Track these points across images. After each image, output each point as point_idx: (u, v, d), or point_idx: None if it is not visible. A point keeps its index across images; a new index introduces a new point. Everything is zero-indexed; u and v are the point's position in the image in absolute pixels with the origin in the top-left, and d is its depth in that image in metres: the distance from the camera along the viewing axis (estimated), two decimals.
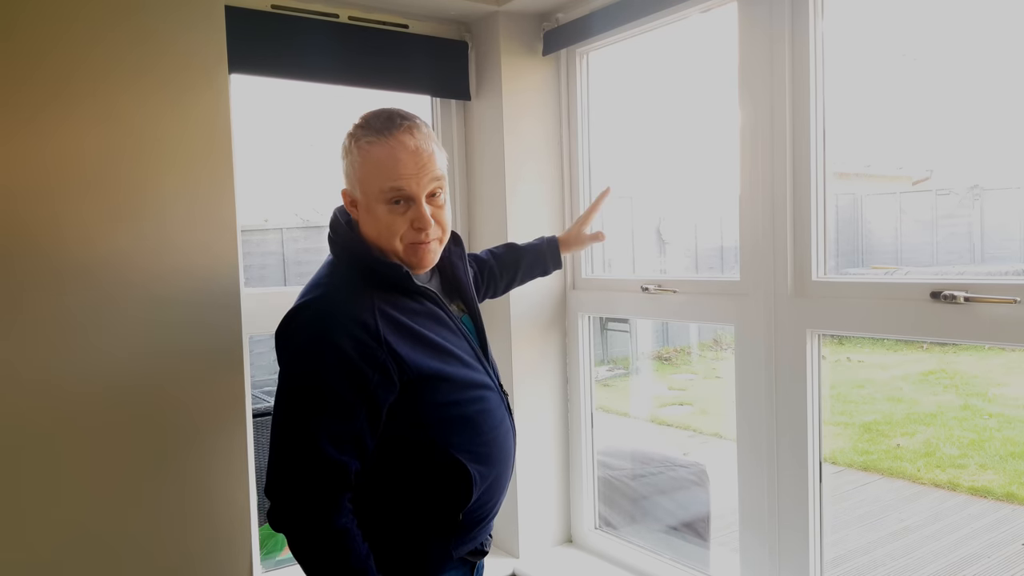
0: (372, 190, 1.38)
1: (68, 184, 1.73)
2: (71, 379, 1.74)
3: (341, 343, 1.29)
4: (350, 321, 1.31)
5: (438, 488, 1.41)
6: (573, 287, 2.48)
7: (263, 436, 4.48)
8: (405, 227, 1.40)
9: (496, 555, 2.47)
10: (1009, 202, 3.02)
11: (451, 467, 1.39)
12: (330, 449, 1.28)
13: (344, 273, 1.42)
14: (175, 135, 1.84)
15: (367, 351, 1.30)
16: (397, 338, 1.34)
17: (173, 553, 1.87)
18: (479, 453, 1.42)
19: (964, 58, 2.24)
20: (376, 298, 1.36)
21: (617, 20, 2.10)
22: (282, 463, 1.32)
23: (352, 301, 1.34)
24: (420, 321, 1.40)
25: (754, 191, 1.87)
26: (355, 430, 1.31)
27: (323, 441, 1.29)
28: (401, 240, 1.41)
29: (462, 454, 1.40)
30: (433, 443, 1.39)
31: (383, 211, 1.39)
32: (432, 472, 1.40)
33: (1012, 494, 4.01)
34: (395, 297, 1.39)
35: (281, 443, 1.33)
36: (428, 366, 1.36)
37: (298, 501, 1.31)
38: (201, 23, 1.87)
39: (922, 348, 4.59)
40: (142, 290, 1.81)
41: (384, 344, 1.31)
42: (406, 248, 1.42)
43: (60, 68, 1.71)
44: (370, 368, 1.30)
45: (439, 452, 1.39)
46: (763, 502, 1.89)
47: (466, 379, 1.43)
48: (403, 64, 2.29)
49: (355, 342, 1.30)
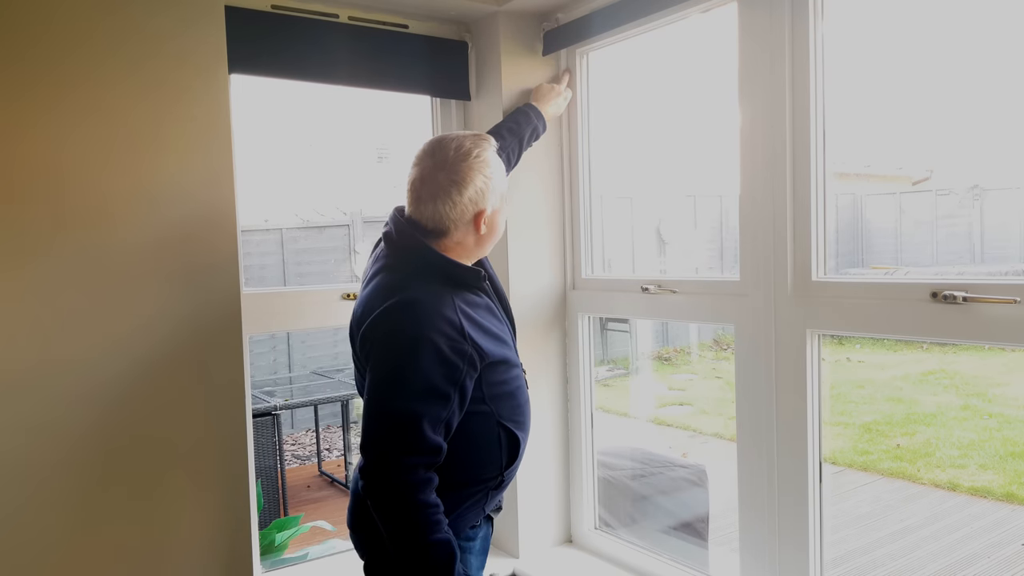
0: (504, 197, 1.63)
1: (67, 183, 1.73)
2: (71, 379, 1.74)
3: (436, 339, 1.44)
4: (439, 319, 1.46)
5: (491, 452, 1.60)
6: (573, 287, 2.48)
7: (263, 436, 4.48)
8: None
9: (496, 555, 2.47)
10: (1009, 202, 3.02)
11: (503, 433, 1.60)
12: (429, 431, 1.44)
13: (418, 273, 1.55)
14: (175, 135, 1.84)
15: (457, 346, 1.46)
16: (475, 331, 1.51)
17: (173, 553, 1.87)
18: (519, 421, 1.64)
19: (964, 58, 2.24)
20: (455, 297, 1.52)
21: (617, 20, 2.10)
22: (385, 442, 1.45)
23: (437, 300, 1.49)
24: (482, 314, 1.57)
25: (754, 191, 1.87)
26: (448, 414, 1.47)
27: (424, 424, 1.43)
28: None
29: (510, 423, 1.61)
30: (490, 414, 1.58)
31: (505, 209, 1.65)
32: (487, 439, 1.59)
33: (1012, 494, 4.01)
34: (465, 294, 1.56)
35: (383, 424, 1.46)
36: (497, 352, 1.55)
37: (397, 476, 1.43)
38: (201, 23, 1.87)
39: (922, 348, 4.59)
40: (142, 290, 1.81)
41: (468, 338, 1.48)
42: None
43: (58, 68, 1.71)
44: (460, 360, 1.47)
45: (494, 422, 1.58)
46: (763, 502, 1.89)
47: (514, 360, 1.64)
48: (403, 64, 2.29)
49: (447, 338, 1.45)
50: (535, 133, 2.23)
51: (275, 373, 6.43)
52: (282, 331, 5.19)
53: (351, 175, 6.73)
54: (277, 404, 4.83)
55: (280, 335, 6.37)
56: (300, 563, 2.38)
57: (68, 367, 1.74)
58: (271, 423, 4.46)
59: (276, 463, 4.48)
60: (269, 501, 4.35)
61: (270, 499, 4.38)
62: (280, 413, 4.58)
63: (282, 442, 4.88)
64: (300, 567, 2.35)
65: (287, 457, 6.02)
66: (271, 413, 4.49)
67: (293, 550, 3.10)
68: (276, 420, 4.48)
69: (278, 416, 4.51)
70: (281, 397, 5.27)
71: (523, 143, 2.18)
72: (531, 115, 2.23)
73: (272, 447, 4.47)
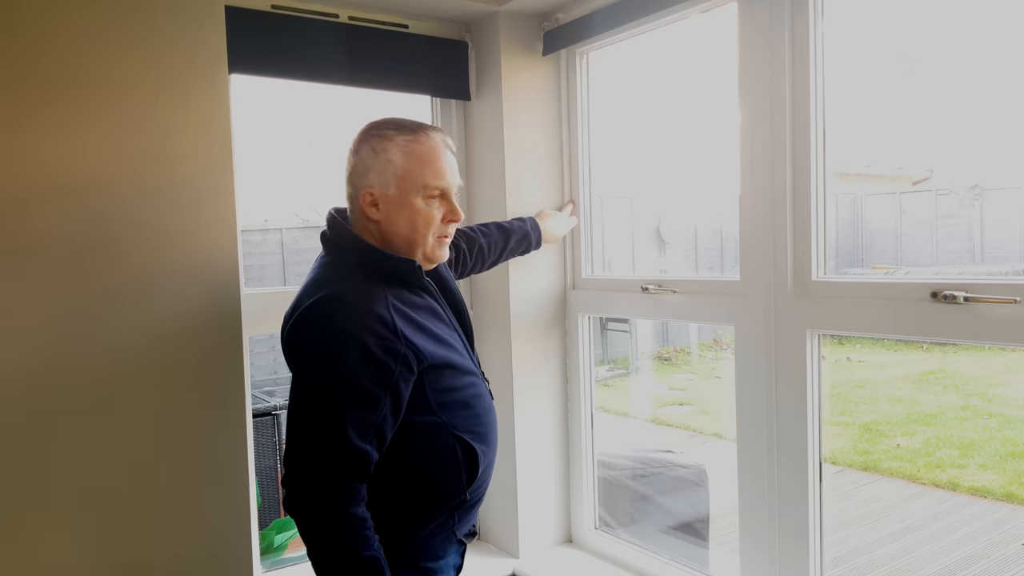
0: (413, 185, 1.46)
1: (67, 183, 1.73)
2: (71, 378, 1.74)
3: (363, 337, 1.34)
4: (368, 315, 1.36)
5: (447, 468, 1.48)
6: (573, 287, 2.48)
7: (263, 436, 4.47)
8: (438, 220, 1.50)
9: (496, 555, 2.47)
10: (1009, 202, 3.02)
11: (458, 446, 1.48)
12: (355, 438, 1.33)
13: (349, 269, 1.45)
14: (175, 135, 1.84)
15: (387, 344, 1.36)
16: (411, 330, 1.40)
17: (174, 553, 1.87)
18: (478, 433, 1.52)
19: (964, 59, 2.24)
20: (388, 294, 1.42)
21: (617, 20, 2.10)
22: (305, 451, 1.36)
23: (366, 296, 1.39)
24: (422, 314, 1.47)
25: (754, 191, 1.87)
26: (378, 420, 1.36)
27: (349, 431, 1.33)
28: (433, 233, 1.51)
29: (466, 434, 1.49)
30: (441, 426, 1.46)
31: (422, 205, 1.48)
32: (440, 453, 1.47)
33: (1012, 494, 4.01)
34: (399, 291, 1.45)
35: (305, 432, 1.37)
36: (438, 354, 1.45)
37: (319, 488, 1.34)
38: (201, 23, 1.87)
39: (922, 348, 4.59)
40: (142, 290, 1.81)
41: (401, 336, 1.38)
42: (435, 241, 1.52)
43: (59, 67, 1.71)
44: (392, 360, 1.37)
45: (447, 434, 1.47)
46: (763, 502, 1.89)
47: (464, 366, 1.52)
48: (403, 64, 2.29)
49: (376, 336, 1.35)
50: (525, 242, 2.15)
51: (275, 373, 6.42)
52: None
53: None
54: (277, 404, 4.82)
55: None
56: (300, 563, 2.38)
57: (67, 366, 1.74)
58: (271, 423, 4.45)
59: (276, 463, 4.48)
60: (269, 501, 4.35)
61: (270, 499, 4.38)
62: (280, 413, 4.58)
63: (282, 442, 4.88)
64: (300, 567, 2.35)
65: None
66: (271, 413, 4.49)
67: (293, 550, 3.10)
68: (276, 420, 4.48)
69: (278, 416, 4.50)
70: (281, 397, 5.26)
71: (508, 244, 2.09)
72: (527, 225, 2.17)
73: (272, 447, 4.47)
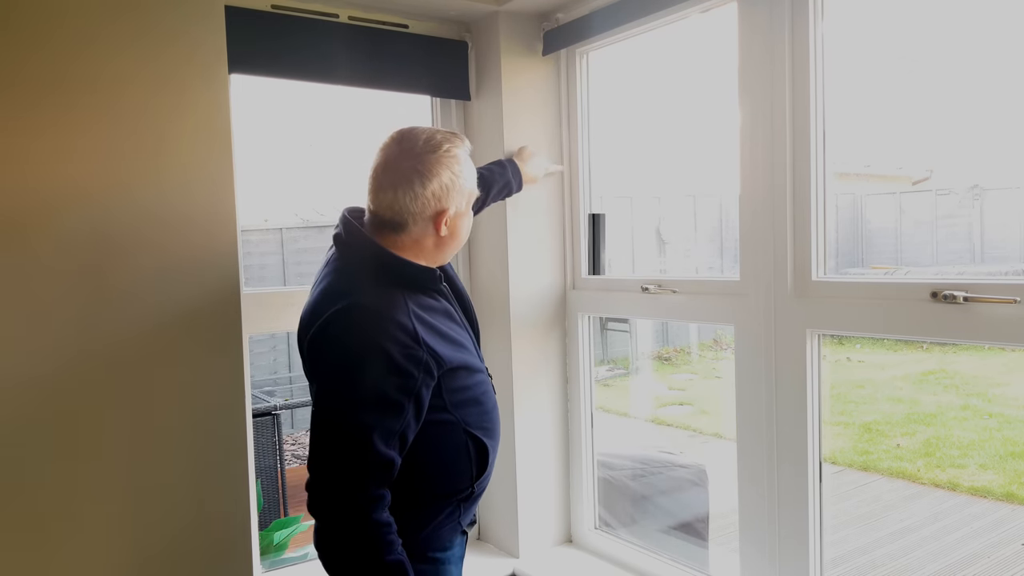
0: (472, 198, 1.54)
1: (66, 183, 1.73)
2: (71, 378, 1.74)
3: (387, 347, 1.35)
4: (391, 324, 1.37)
5: (459, 463, 1.51)
6: (573, 287, 2.48)
7: (263, 436, 4.47)
8: None
9: (496, 555, 2.47)
10: (1009, 202, 3.02)
11: (470, 442, 1.51)
12: (380, 445, 1.34)
13: (367, 276, 1.45)
14: (175, 135, 1.84)
15: (410, 352, 1.37)
16: (431, 336, 1.42)
17: (174, 553, 1.87)
18: (487, 428, 1.55)
19: (963, 59, 2.24)
20: (408, 300, 1.43)
21: (617, 20, 2.10)
22: (331, 458, 1.36)
23: (388, 304, 1.40)
24: (439, 318, 1.48)
25: (754, 191, 1.87)
26: (402, 427, 1.38)
27: (375, 438, 1.34)
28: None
29: (477, 431, 1.52)
30: (455, 423, 1.49)
31: (470, 216, 1.56)
32: (453, 449, 1.50)
33: (1012, 494, 4.01)
34: (418, 296, 1.46)
35: (330, 439, 1.37)
36: (455, 357, 1.46)
37: (346, 494, 1.35)
38: (201, 23, 1.87)
39: (922, 348, 4.59)
40: (142, 289, 1.81)
41: (423, 344, 1.39)
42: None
43: (58, 66, 1.71)
44: (415, 367, 1.37)
45: (459, 431, 1.50)
46: (763, 502, 1.89)
47: (475, 366, 1.54)
48: (403, 64, 2.29)
49: (399, 344, 1.36)
50: (507, 188, 2.14)
51: (275, 373, 6.43)
52: (282, 331, 5.19)
53: (351, 175, 6.72)
54: (277, 404, 4.83)
55: (280, 335, 6.36)
56: (300, 563, 2.38)
57: (67, 366, 1.74)
58: (271, 423, 4.45)
59: (276, 463, 4.48)
60: (269, 501, 4.35)
61: (270, 499, 4.38)
62: (280, 413, 4.58)
63: (282, 442, 4.87)
64: (300, 567, 2.35)
65: (287, 457, 6.01)
66: (271, 413, 4.49)
67: (293, 550, 3.10)
68: (276, 420, 4.47)
69: (278, 416, 4.50)
70: (281, 397, 5.27)
71: (489, 193, 2.09)
72: (507, 169, 2.15)
73: (272, 447, 4.47)
